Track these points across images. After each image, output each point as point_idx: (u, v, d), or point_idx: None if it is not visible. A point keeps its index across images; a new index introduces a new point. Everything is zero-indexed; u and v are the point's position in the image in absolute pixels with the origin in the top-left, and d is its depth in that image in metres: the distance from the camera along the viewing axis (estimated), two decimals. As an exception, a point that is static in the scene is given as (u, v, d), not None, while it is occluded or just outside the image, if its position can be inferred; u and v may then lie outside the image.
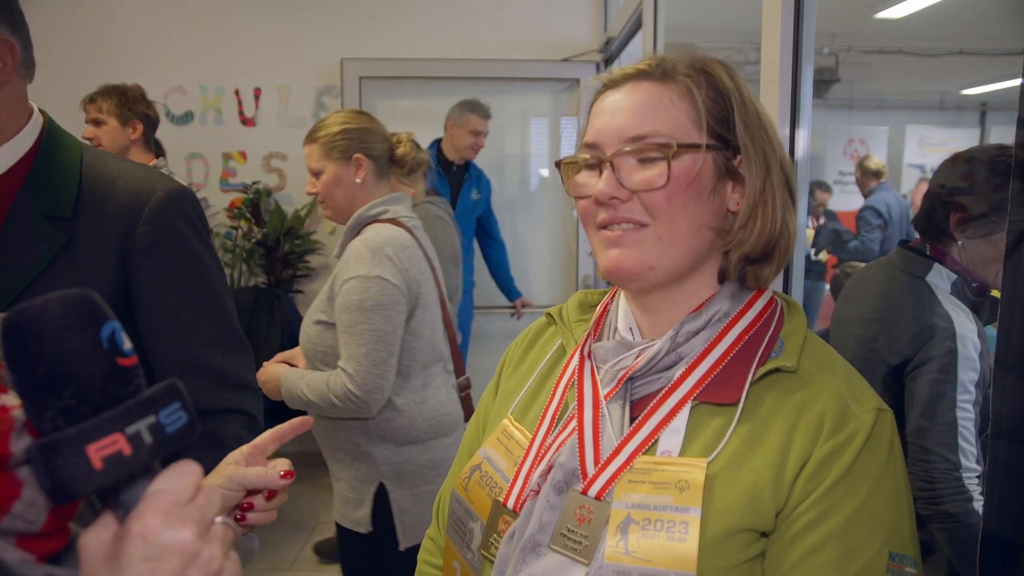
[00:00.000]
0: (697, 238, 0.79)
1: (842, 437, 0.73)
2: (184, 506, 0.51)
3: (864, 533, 0.71)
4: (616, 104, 0.80)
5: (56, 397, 0.49)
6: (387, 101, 4.14)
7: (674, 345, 0.80)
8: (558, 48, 4.03)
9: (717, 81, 0.80)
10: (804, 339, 0.82)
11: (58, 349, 0.48)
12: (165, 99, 4.08)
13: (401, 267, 1.75)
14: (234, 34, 4.06)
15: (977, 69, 2.91)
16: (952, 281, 1.48)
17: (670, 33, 2.72)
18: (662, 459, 0.76)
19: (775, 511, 0.72)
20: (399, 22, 4.06)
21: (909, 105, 3.46)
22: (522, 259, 4.17)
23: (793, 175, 0.84)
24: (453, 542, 0.91)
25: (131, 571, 0.49)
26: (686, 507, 0.72)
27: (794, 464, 0.73)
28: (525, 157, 4.28)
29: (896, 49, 2.75)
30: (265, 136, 4.15)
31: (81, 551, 0.51)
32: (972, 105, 3.47)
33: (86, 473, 0.48)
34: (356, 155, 1.84)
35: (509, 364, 1.01)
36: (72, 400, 0.49)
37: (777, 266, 0.82)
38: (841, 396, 0.76)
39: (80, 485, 0.48)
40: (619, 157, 0.78)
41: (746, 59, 3.06)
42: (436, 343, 1.88)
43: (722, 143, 0.79)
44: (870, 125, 4.97)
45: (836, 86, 2.53)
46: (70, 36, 4.01)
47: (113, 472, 0.49)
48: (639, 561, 0.71)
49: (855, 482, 0.72)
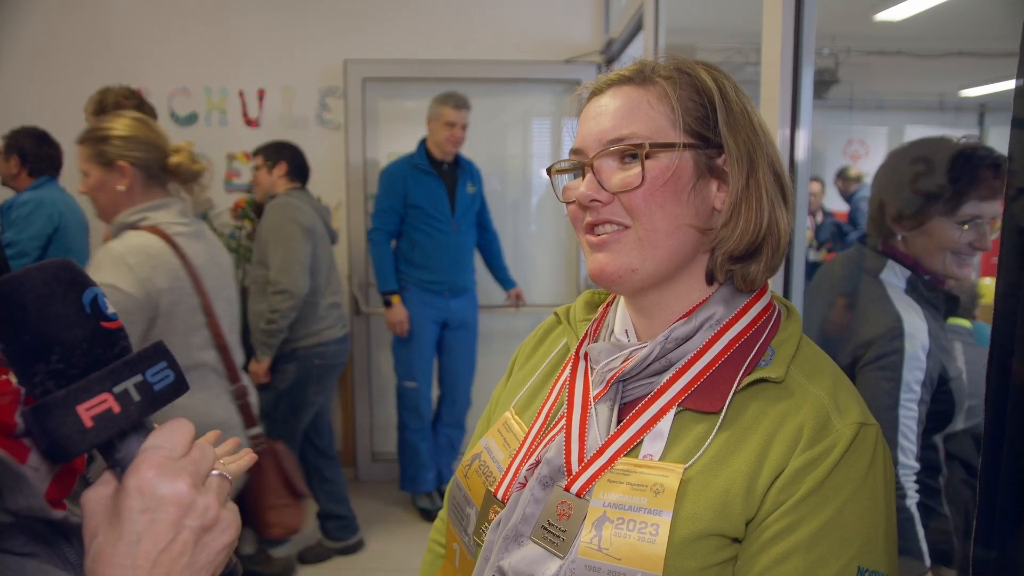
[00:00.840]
0: (678, 237, 0.79)
1: (819, 449, 0.73)
2: (178, 460, 0.54)
3: (833, 546, 0.71)
4: (599, 109, 0.82)
5: (44, 362, 0.51)
6: (390, 102, 4.16)
7: (664, 350, 0.81)
8: (560, 49, 4.05)
9: (697, 81, 0.80)
10: (797, 347, 0.82)
11: (42, 315, 0.51)
12: (169, 100, 4.10)
13: (141, 276, 1.75)
14: (238, 35, 4.08)
15: (976, 70, 2.92)
16: (907, 278, 1.49)
17: (671, 34, 2.74)
18: (642, 462, 0.77)
19: (745, 519, 0.73)
20: (402, 23, 4.08)
21: (909, 106, 3.48)
22: (523, 260, 4.19)
23: (785, 173, 0.84)
24: (453, 525, 0.94)
25: (130, 524, 0.51)
26: (658, 510, 0.73)
27: (768, 473, 0.74)
28: (527, 158, 4.30)
29: (896, 50, 2.77)
30: (269, 137, 4.13)
31: (83, 508, 0.54)
32: (971, 106, 3.49)
33: (79, 432, 0.50)
34: (120, 163, 1.85)
35: (520, 358, 1.04)
36: (60, 364, 0.51)
37: (767, 265, 0.82)
38: (823, 408, 0.76)
39: (74, 443, 0.51)
40: (599, 160, 0.80)
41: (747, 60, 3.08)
42: (191, 351, 1.88)
43: (702, 141, 0.79)
44: (870, 126, 5.00)
45: (836, 87, 2.55)
46: (73, 38, 4.03)
47: (104, 430, 0.52)
48: (609, 558, 0.73)
49: (828, 495, 0.72)
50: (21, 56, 4.04)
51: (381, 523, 3.61)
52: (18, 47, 4.04)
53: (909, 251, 1.49)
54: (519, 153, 4.32)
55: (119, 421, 0.52)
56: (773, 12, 1.51)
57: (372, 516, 3.67)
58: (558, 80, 4.10)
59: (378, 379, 4.25)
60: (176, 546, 0.52)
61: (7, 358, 0.52)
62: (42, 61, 4.06)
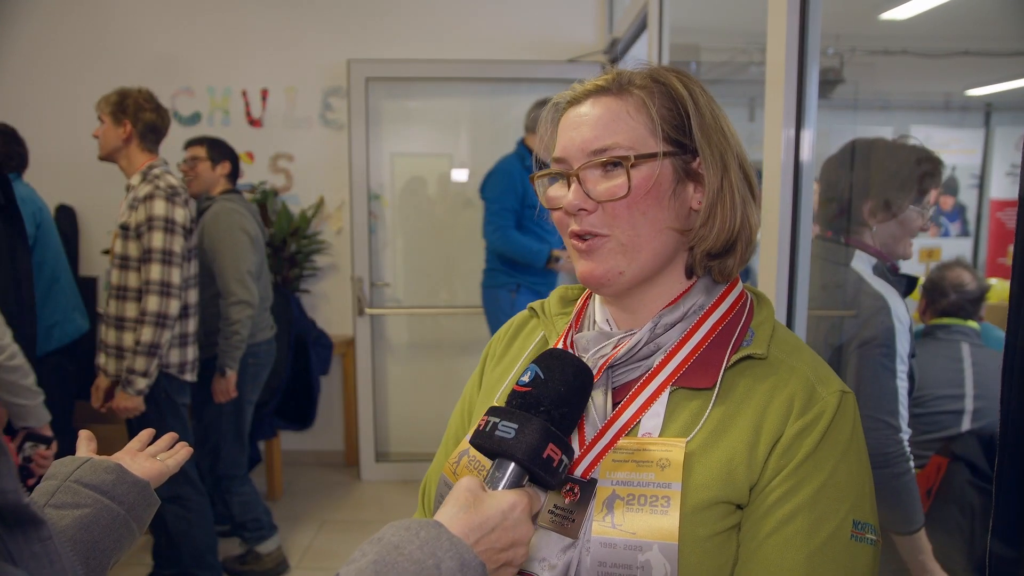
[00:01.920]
0: (660, 240, 0.84)
1: (810, 416, 0.80)
2: (531, 515, 0.73)
3: (831, 503, 0.77)
4: (580, 119, 0.85)
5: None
6: (393, 102, 4.16)
7: (652, 336, 0.86)
8: (563, 49, 4.04)
9: (671, 90, 0.84)
10: (773, 329, 0.88)
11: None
12: (173, 100, 4.10)
13: None
14: (241, 35, 4.09)
15: (982, 70, 2.91)
16: (872, 265, 1.63)
17: (675, 34, 2.73)
18: (644, 439, 0.82)
19: (749, 485, 0.79)
20: (405, 23, 4.07)
21: (914, 106, 3.46)
22: (527, 259, 4.18)
23: (751, 171, 0.88)
24: None
25: (487, 520, 0.69)
26: (667, 483, 0.78)
27: (766, 442, 0.79)
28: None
29: (901, 50, 2.75)
30: (272, 137, 4.17)
31: (460, 482, 0.72)
32: (977, 106, 3.47)
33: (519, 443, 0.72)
34: None
35: (492, 356, 1.06)
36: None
37: (740, 258, 0.88)
38: (808, 380, 0.82)
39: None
40: (584, 170, 0.83)
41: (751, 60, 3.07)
42: None
43: (679, 148, 0.84)
44: (875, 125, 4.98)
45: (841, 87, 2.53)
46: (77, 37, 4.04)
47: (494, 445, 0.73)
48: (625, 534, 0.77)
49: (822, 457, 0.78)
50: (21, 56, 4.05)
51: (385, 524, 3.61)
52: (18, 47, 4.05)
53: (875, 241, 1.66)
54: (522, 153, 4.32)
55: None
56: (778, 12, 1.51)
57: (374, 517, 3.67)
58: (562, 80, 4.09)
59: (381, 379, 4.25)
60: (492, 555, 0.68)
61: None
62: (42, 61, 4.07)
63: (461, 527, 0.67)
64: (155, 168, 2.58)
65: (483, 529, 0.67)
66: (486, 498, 0.70)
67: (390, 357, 4.32)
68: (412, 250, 4.33)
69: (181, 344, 2.59)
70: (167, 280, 2.46)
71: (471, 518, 0.67)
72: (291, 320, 3.65)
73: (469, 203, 4.22)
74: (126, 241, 2.51)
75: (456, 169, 4.26)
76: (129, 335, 2.50)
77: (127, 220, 2.51)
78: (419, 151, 4.30)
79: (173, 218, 2.48)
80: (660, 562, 0.75)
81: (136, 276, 2.50)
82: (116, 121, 2.55)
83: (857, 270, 1.63)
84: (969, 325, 2.00)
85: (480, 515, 0.68)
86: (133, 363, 2.43)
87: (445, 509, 0.69)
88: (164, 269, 2.45)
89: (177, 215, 2.49)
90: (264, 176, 4.17)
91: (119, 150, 2.57)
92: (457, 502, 0.69)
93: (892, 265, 1.66)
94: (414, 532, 0.64)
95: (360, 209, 4.00)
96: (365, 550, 0.65)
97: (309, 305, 4.16)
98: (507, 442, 0.72)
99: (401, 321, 4.34)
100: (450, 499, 0.70)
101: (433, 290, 4.37)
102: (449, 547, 0.63)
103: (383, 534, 0.66)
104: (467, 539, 0.66)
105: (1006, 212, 3.76)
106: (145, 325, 2.43)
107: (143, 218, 2.47)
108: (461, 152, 4.29)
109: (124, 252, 2.51)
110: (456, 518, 0.67)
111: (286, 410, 3.73)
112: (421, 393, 4.33)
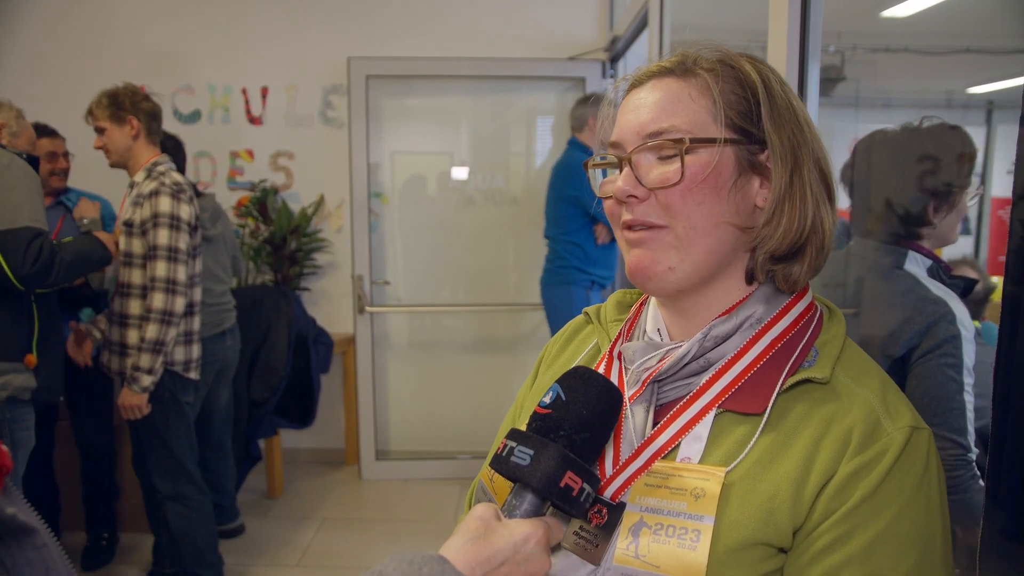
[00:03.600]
0: (716, 236, 0.76)
1: (870, 454, 0.70)
2: (547, 548, 0.69)
3: (889, 557, 0.68)
4: (638, 102, 0.79)
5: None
6: (394, 100, 4.15)
7: (702, 349, 0.78)
8: (564, 46, 4.03)
9: (740, 74, 0.77)
10: (841, 348, 0.79)
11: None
12: (173, 98, 4.10)
13: None
14: (241, 33, 4.08)
15: (984, 67, 2.90)
16: (928, 267, 1.49)
17: (676, 31, 2.72)
18: (681, 465, 0.74)
19: (793, 527, 0.70)
20: (406, 21, 4.07)
21: (915, 103, 3.45)
22: (526, 256, 4.18)
23: (831, 171, 0.80)
24: None
25: (496, 552, 0.65)
26: (700, 515, 0.70)
27: (817, 480, 0.70)
28: (531, 155, 4.29)
29: (903, 47, 2.75)
30: (272, 135, 4.16)
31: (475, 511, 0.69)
32: (979, 103, 3.46)
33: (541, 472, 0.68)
34: None
35: (547, 358, 1.01)
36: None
37: (809, 265, 0.78)
38: (873, 411, 0.72)
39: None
40: (638, 154, 0.77)
41: (752, 57, 3.06)
42: None
43: (745, 137, 0.76)
44: (876, 123, 4.98)
45: (842, 84, 2.52)
46: (76, 35, 4.04)
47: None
48: (647, 566, 0.70)
49: (882, 502, 0.68)
50: (21, 54, 4.05)
51: (385, 522, 3.61)
52: (18, 45, 4.04)
53: (934, 237, 1.51)
54: (523, 151, 4.32)
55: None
56: (779, 9, 1.50)
57: (375, 516, 3.67)
58: (562, 77, 4.09)
59: (382, 378, 4.25)
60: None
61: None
62: (42, 59, 4.06)
63: (467, 561, 0.62)
64: (160, 165, 2.57)
65: (491, 563, 0.63)
66: (498, 528, 0.66)
67: (391, 355, 4.31)
68: (413, 248, 4.33)
69: (186, 342, 2.59)
70: (173, 277, 2.45)
71: (479, 551, 0.63)
72: (291, 318, 3.64)
73: (470, 201, 4.22)
74: (130, 238, 2.50)
75: (457, 167, 4.26)
76: (133, 332, 2.49)
77: (131, 217, 2.50)
78: (420, 149, 4.29)
79: (179, 215, 2.47)
80: None
81: (140, 273, 2.50)
82: (119, 121, 2.53)
83: (912, 272, 1.48)
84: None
85: (489, 548, 0.64)
86: (138, 360, 2.43)
87: (453, 540, 0.65)
88: (170, 266, 2.45)
89: (183, 212, 2.49)
90: (264, 174, 4.17)
91: (129, 149, 2.56)
92: (467, 532, 0.65)
93: (946, 266, 1.52)
94: (416, 567, 0.60)
95: (360, 207, 4.00)
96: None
97: (309, 303, 4.16)
98: (522, 469, 0.67)
99: (402, 319, 4.34)
100: (460, 528, 0.66)
101: (434, 288, 4.37)
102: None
103: (384, 567, 0.61)
104: (473, 574, 0.62)
105: (1007, 210, 3.75)
106: (151, 322, 2.43)
107: (148, 215, 2.46)
108: (462, 150, 4.29)
109: (128, 249, 2.51)
110: (463, 551, 0.63)
111: (286, 408, 3.73)
112: (422, 391, 4.33)
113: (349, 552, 3.27)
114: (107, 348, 2.59)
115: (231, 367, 3.19)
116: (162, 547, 2.75)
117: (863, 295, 1.57)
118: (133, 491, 3.17)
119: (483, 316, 4.31)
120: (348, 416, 4.26)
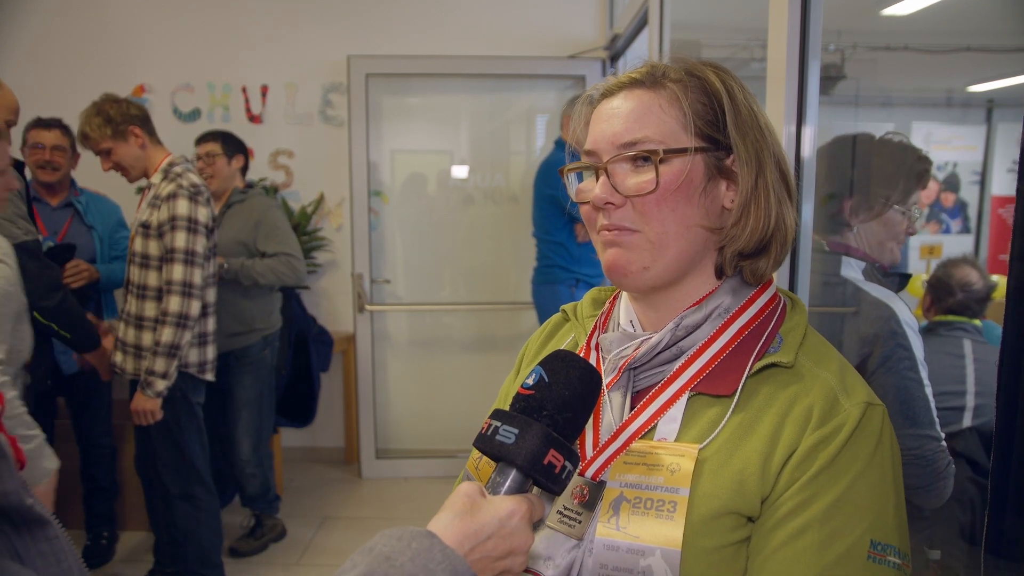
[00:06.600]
0: (687, 238, 0.81)
1: (829, 428, 0.76)
2: (530, 523, 0.71)
3: (846, 520, 0.74)
4: (611, 111, 0.83)
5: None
6: (393, 98, 4.15)
7: (674, 338, 0.83)
8: (564, 45, 4.03)
9: (706, 84, 0.82)
10: (804, 335, 0.84)
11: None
12: (172, 97, 4.10)
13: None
14: (241, 31, 4.08)
15: (984, 66, 2.90)
16: (862, 269, 1.52)
17: (676, 30, 2.72)
18: (657, 444, 0.80)
19: (760, 497, 0.76)
20: (405, 19, 4.07)
21: (915, 102, 3.45)
22: (526, 255, 4.18)
23: (790, 171, 0.85)
24: None
25: (483, 527, 0.67)
26: (675, 488, 0.76)
27: (782, 453, 0.76)
28: (530, 154, 4.29)
29: (903, 46, 2.74)
30: (272, 133, 4.16)
31: (465, 486, 0.70)
32: (979, 102, 3.46)
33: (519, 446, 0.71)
34: None
35: (528, 354, 1.06)
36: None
37: (774, 260, 0.85)
38: (831, 390, 0.79)
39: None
40: (613, 163, 0.81)
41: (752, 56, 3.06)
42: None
43: (712, 144, 0.81)
44: (876, 122, 4.98)
45: (842, 83, 2.52)
46: (76, 34, 4.04)
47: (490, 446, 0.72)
48: (628, 537, 0.76)
49: (839, 471, 0.75)
50: (20, 54, 4.04)
51: (386, 520, 3.62)
52: (18, 44, 4.04)
53: (859, 243, 1.56)
54: (523, 149, 4.32)
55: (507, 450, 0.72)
56: (779, 8, 1.50)
57: (375, 514, 3.67)
58: (562, 76, 4.09)
59: (382, 376, 4.25)
60: (488, 564, 0.67)
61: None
62: (41, 58, 4.06)
63: (455, 535, 0.65)
64: (176, 166, 2.54)
65: (478, 537, 0.66)
66: (484, 504, 0.68)
67: (391, 354, 4.32)
68: (412, 246, 4.33)
69: (201, 343, 2.58)
70: (189, 280, 2.44)
71: (466, 525, 0.66)
72: (291, 317, 3.64)
73: (470, 199, 4.22)
74: (147, 239, 2.48)
75: (456, 165, 4.26)
76: (148, 334, 2.47)
77: (148, 218, 2.48)
78: (419, 147, 4.29)
79: (196, 217, 2.46)
80: (662, 568, 0.73)
81: (156, 275, 2.48)
82: (122, 137, 2.49)
83: (849, 278, 1.52)
84: (972, 322, 1.99)
85: (476, 522, 0.66)
86: (153, 364, 2.42)
87: (441, 516, 0.67)
88: (187, 269, 2.43)
89: (200, 214, 2.47)
90: (264, 172, 4.17)
91: (141, 159, 2.54)
92: (453, 508, 0.67)
93: (880, 265, 1.56)
94: (406, 543, 0.62)
95: (360, 205, 4.00)
96: (356, 560, 0.62)
97: (310, 302, 4.16)
98: (507, 447, 0.70)
99: (401, 318, 4.34)
100: (447, 505, 0.68)
101: (434, 286, 4.37)
102: (442, 559, 0.61)
103: (374, 544, 0.63)
104: (461, 548, 0.64)
105: (1007, 209, 3.75)
106: (166, 326, 2.41)
107: (166, 217, 2.44)
108: (461, 148, 4.29)
109: (145, 250, 2.49)
110: (450, 526, 0.65)
111: (287, 407, 3.73)
112: (422, 390, 4.33)
113: (349, 550, 3.26)
114: (121, 348, 2.56)
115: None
116: (164, 546, 2.75)
117: (816, 306, 1.58)
118: (133, 490, 3.17)
119: (483, 314, 4.32)
120: (348, 414, 4.27)
